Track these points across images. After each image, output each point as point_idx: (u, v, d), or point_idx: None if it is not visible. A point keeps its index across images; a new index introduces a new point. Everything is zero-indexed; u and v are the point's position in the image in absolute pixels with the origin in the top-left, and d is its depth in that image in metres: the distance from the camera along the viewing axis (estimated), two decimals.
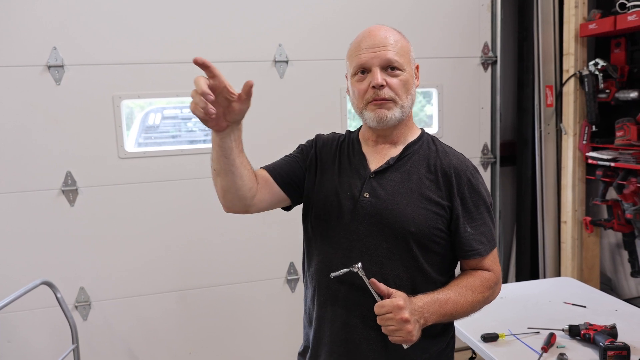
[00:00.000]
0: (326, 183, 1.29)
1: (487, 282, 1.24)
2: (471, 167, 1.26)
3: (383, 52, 1.20)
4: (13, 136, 2.34)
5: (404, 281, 1.20)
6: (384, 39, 1.21)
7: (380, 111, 1.21)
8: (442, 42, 2.85)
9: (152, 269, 2.58)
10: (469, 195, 1.22)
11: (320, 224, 1.28)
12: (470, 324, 1.78)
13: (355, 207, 1.22)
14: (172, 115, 3.55)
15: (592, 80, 2.77)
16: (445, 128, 2.92)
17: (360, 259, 1.19)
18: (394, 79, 1.21)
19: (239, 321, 2.73)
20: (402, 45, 1.23)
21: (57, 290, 2.13)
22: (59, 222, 2.43)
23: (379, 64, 1.20)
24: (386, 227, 1.20)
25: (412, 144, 1.27)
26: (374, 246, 1.21)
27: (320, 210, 1.28)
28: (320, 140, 1.37)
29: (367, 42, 1.22)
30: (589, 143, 2.87)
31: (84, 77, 2.39)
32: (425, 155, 1.26)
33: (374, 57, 1.20)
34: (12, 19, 2.28)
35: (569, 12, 2.86)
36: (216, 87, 1.09)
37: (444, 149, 1.28)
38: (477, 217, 1.23)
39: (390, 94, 1.20)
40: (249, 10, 2.56)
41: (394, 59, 1.20)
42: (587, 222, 2.90)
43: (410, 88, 1.23)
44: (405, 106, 1.23)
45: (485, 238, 1.24)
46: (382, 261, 1.20)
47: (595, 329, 1.67)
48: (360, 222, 1.22)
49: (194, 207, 2.60)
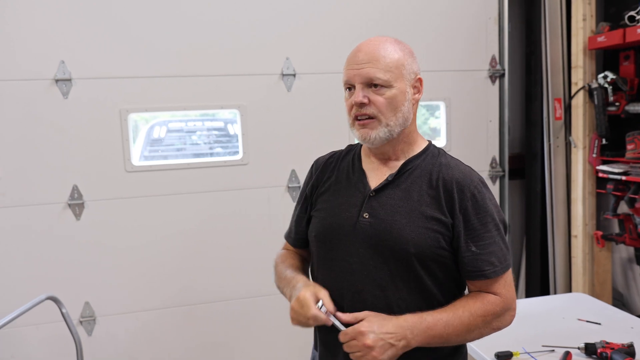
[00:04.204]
0: (325, 204, 1.26)
1: (490, 305, 1.14)
2: (477, 181, 1.18)
3: (366, 70, 1.15)
4: (20, 149, 2.34)
5: (408, 304, 1.15)
6: (369, 55, 1.16)
7: (364, 131, 1.18)
8: (450, 55, 2.84)
9: (157, 283, 2.55)
10: (473, 212, 1.15)
11: (320, 246, 1.25)
12: (484, 342, 1.74)
13: (355, 229, 1.18)
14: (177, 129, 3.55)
15: (602, 93, 2.75)
16: (453, 141, 2.90)
17: (362, 283, 1.16)
18: (378, 97, 1.15)
19: (245, 336, 2.69)
20: (391, 60, 1.16)
21: (63, 306, 2.10)
22: (65, 236, 2.42)
23: (360, 81, 1.16)
24: (386, 249, 1.14)
25: (413, 159, 1.22)
26: (375, 269, 1.16)
27: (320, 233, 1.25)
28: (318, 165, 1.35)
29: (354, 58, 1.18)
30: (599, 156, 2.84)
31: (91, 91, 2.39)
32: (427, 170, 1.20)
33: (356, 75, 1.16)
34: (20, 33, 2.29)
35: (577, 25, 2.85)
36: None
37: (448, 163, 1.21)
38: (484, 235, 1.15)
39: (372, 112, 1.16)
40: (256, 24, 2.56)
41: (377, 77, 1.14)
42: (598, 236, 2.85)
43: (399, 105, 1.16)
44: (391, 124, 1.17)
45: (495, 259, 1.14)
46: (384, 285, 1.16)
47: (612, 347, 1.63)
48: (360, 244, 1.17)
49: (199, 222, 2.59)
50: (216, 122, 3.52)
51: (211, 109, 2.65)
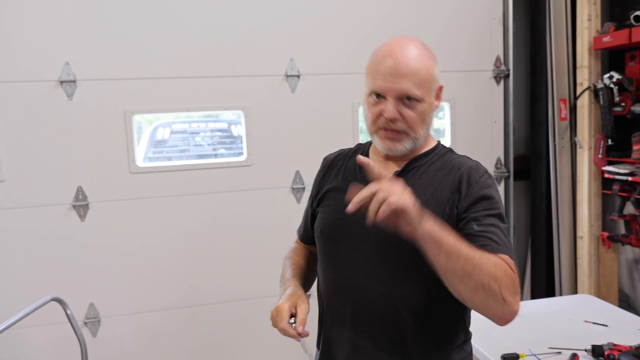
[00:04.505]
0: (331, 200, 1.26)
1: (500, 263, 1.01)
2: (485, 173, 1.15)
3: (403, 85, 1.10)
4: (24, 151, 2.34)
5: (414, 302, 1.13)
6: (404, 66, 1.10)
7: (390, 143, 1.15)
8: (454, 55, 2.83)
9: (162, 285, 2.55)
10: (479, 199, 1.10)
11: (326, 241, 1.25)
12: (490, 344, 1.74)
13: (360, 224, 1.14)
14: (181, 130, 3.55)
15: (607, 93, 2.74)
16: (457, 142, 2.89)
17: (367, 280, 1.15)
18: (409, 111, 1.12)
19: (249, 338, 2.69)
20: (424, 72, 1.12)
21: (67, 307, 2.11)
22: (70, 238, 2.42)
23: (395, 95, 1.11)
24: (392, 245, 1.12)
25: (421, 156, 1.20)
26: (379, 265, 1.15)
27: (326, 228, 1.24)
28: (326, 162, 1.35)
29: (386, 66, 1.11)
30: (604, 157, 2.83)
31: (95, 92, 2.39)
32: (434, 168, 1.19)
33: (390, 88, 1.11)
34: (24, 35, 2.29)
35: (582, 25, 2.84)
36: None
37: (456, 159, 1.20)
38: (486, 220, 1.08)
39: (403, 127, 1.13)
40: (260, 25, 2.56)
41: (412, 93, 1.11)
42: (604, 237, 2.84)
43: (427, 118, 1.15)
44: (419, 137, 1.16)
45: (497, 237, 1.06)
46: (390, 281, 1.14)
47: (619, 349, 1.62)
48: (366, 241, 1.16)
49: (204, 223, 2.59)
50: (220, 123, 3.53)
51: (215, 110, 2.65)
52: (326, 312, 1.25)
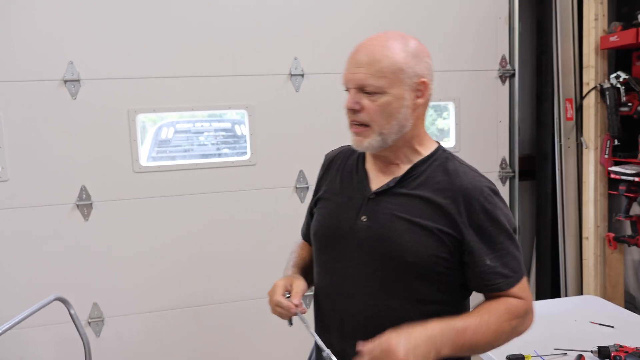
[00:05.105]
0: (326, 202, 1.24)
1: (514, 309, 1.08)
2: (486, 190, 1.11)
3: (359, 75, 1.09)
4: (28, 150, 2.34)
5: (401, 314, 1.08)
6: (366, 58, 1.09)
7: (357, 138, 1.13)
8: (459, 55, 2.82)
9: (165, 284, 2.55)
10: (485, 225, 1.08)
11: (319, 245, 1.23)
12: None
13: (352, 231, 1.14)
14: (185, 130, 3.56)
15: (614, 93, 2.71)
16: (462, 142, 2.88)
17: (355, 288, 1.13)
18: (370, 103, 1.09)
19: (253, 338, 2.68)
20: (388, 64, 1.08)
21: (71, 307, 2.10)
22: (73, 237, 2.42)
23: (354, 86, 1.11)
24: (383, 255, 1.09)
25: (419, 164, 1.15)
26: (367, 275, 1.12)
27: (319, 232, 1.22)
28: (327, 160, 1.34)
29: (352, 58, 1.13)
30: (611, 157, 2.81)
31: (99, 92, 2.39)
32: (433, 177, 1.13)
33: (348, 79, 1.12)
34: (28, 34, 2.29)
35: (588, 25, 2.82)
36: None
37: (456, 170, 1.14)
38: (497, 247, 1.09)
39: (364, 119, 1.10)
40: (264, 25, 2.55)
41: (368, 83, 1.08)
42: (610, 238, 2.82)
43: (393, 112, 1.09)
44: (385, 132, 1.10)
45: (509, 269, 1.09)
46: (376, 293, 1.11)
47: (625, 350, 1.60)
48: (356, 248, 1.13)
49: (207, 222, 2.58)
50: (223, 122, 3.53)
51: (219, 110, 2.65)
52: (315, 318, 1.25)
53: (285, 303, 1.14)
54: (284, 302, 1.14)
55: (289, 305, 1.14)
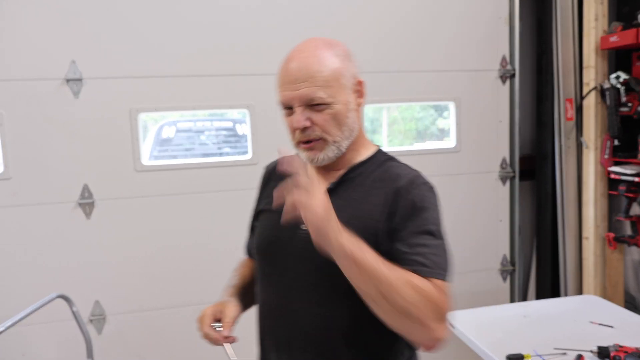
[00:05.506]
0: (267, 214, 1.20)
1: (424, 287, 0.94)
2: (421, 184, 1.08)
3: (303, 91, 1.04)
4: (31, 149, 2.35)
5: (350, 323, 1.06)
6: (305, 72, 1.05)
7: (311, 153, 1.09)
8: (460, 54, 2.82)
9: (167, 282, 2.56)
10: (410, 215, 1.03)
11: (260, 260, 1.19)
12: (495, 344, 1.73)
13: (292, 241, 1.09)
14: (186, 129, 3.57)
15: (614, 93, 2.72)
16: (462, 142, 2.88)
17: (299, 300, 1.09)
18: (320, 116, 1.06)
19: (254, 336, 2.69)
20: (329, 73, 1.06)
21: (73, 304, 2.11)
22: (75, 235, 2.43)
23: (299, 104, 1.05)
24: (323, 263, 1.00)
25: (356, 167, 1.13)
26: (312, 286, 1.08)
27: (260, 245, 1.18)
28: (267, 172, 1.31)
29: (287, 75, 1.07)
30: (611, 157, 2.81)
31: (102, 91, 2.40)
32: (370, 177, 1.11)
33: (292, 97, 1.06)
34: (31, 33, 2.30)
35: (588, 25, 2.82)
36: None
37: (395, 171, 1.12)
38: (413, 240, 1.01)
39: (317, 133, 1.07)
40: (265, 24, 2.56)
41: (317, 96, 1.04)
42: (610, 238, 2.82)
43: (343, 119, 1.08)
44: (338, 140, 1.08)
45: (425, 259, 0.99)
46: (323, 302, 1.07)
47: (625, 350, 1.61)
48: (297, 259, 1.09)
49: (208, 221, 2.59)
50: (225, 122, 3.54)
51: (221, 109, 2.65)
52: (262, 337, 1.20)
53: (213, 335, 1.12)
54: (212, 335, 1.12)
55: (217, 337, 1.11)
